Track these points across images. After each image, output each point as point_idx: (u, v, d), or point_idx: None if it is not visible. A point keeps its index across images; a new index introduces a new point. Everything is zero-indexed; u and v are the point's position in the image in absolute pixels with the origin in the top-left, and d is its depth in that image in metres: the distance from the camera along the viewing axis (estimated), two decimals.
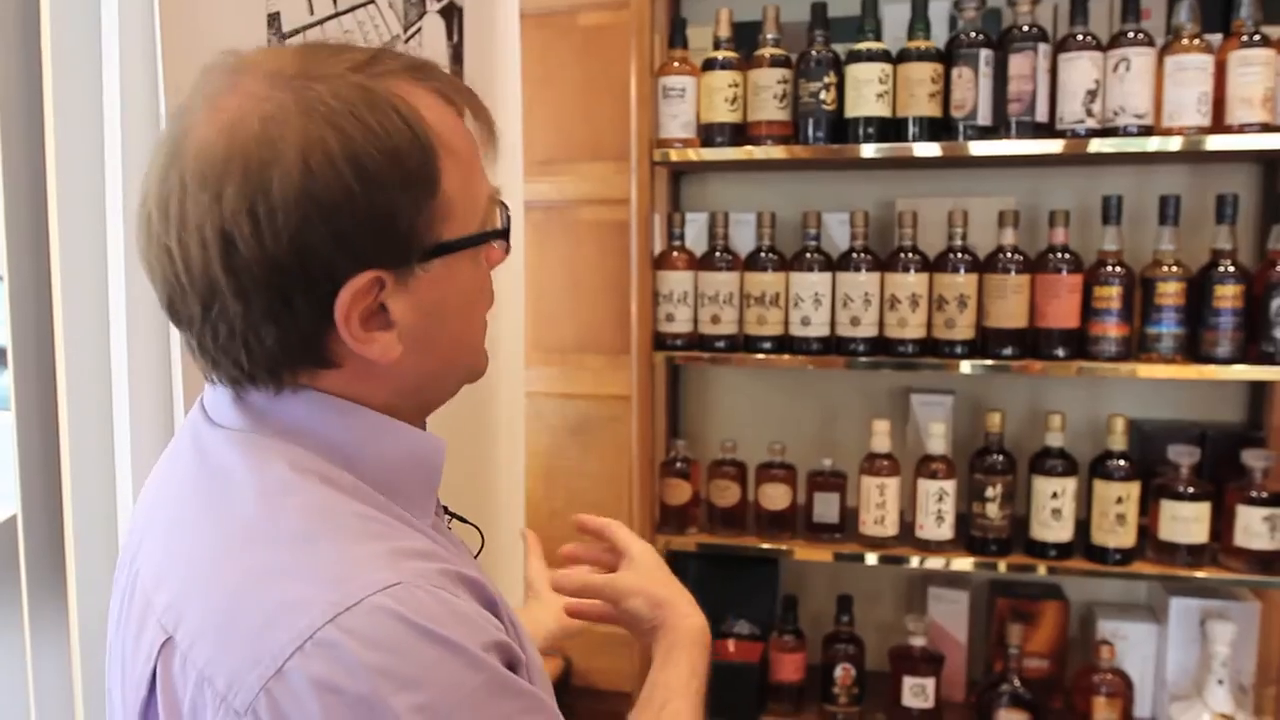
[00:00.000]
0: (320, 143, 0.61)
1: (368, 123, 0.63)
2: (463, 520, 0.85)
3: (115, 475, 1.01)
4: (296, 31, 1.14)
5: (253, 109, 0.63)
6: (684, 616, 0.92)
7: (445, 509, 0.82)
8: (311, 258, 0.62)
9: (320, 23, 1.15)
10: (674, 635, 0.91)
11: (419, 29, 1.41)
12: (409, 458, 0.71)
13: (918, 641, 1.93)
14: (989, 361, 1.81)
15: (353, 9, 1.23)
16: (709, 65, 1.88)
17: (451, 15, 1.51)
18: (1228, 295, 1.71)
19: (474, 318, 0.75)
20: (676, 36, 1.91)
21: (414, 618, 0.59)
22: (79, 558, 0.99)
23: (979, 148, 1.77)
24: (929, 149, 1.78)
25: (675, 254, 1.95)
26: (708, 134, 1.89)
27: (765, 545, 1.96)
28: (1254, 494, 1.74)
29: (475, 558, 0.82)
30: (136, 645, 0.66)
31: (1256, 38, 1.67)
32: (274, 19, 1.07)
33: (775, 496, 1.96)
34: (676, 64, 1.90)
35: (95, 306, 0.99)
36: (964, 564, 1.86)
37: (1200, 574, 1.77)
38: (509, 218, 0.75)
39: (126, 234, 0.97)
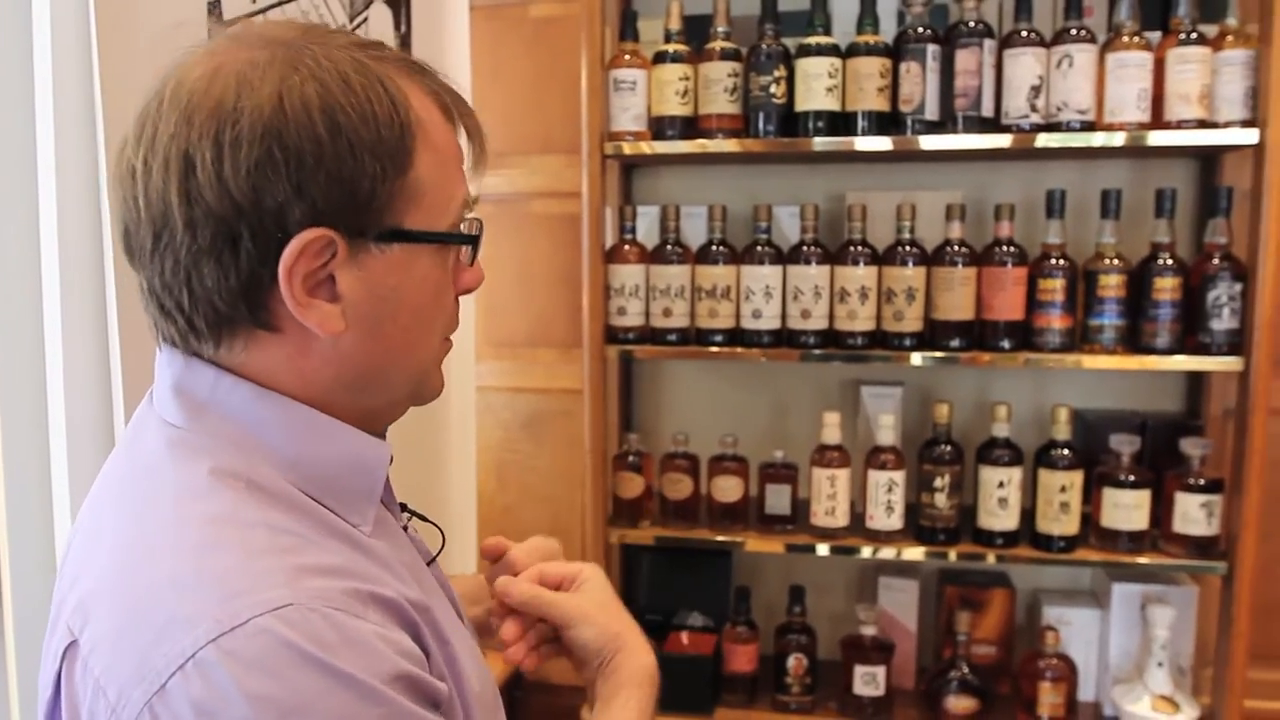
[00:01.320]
0: (299, 88, 0.62)
1: (351, 84, 0.63)
2: (424, 519, 0.82)
3: (51, 481, 0.98)
4: (238, 19, 1.11)
5: (244, 56, 0.63)
6: (635, 654, 0.85)
7: (405, 507, 0.80)
8: (266, 198, 0.61)
9: (263, 11, 1.13)
10: (624, 674, 0.84)
11: (365, 18, 1.39)
12: (348, 463, 0.69)
13: (868, 630, 1.95)
14: (939, 353, 1.84)
15: None
16: (660, 58, 1.88)
17: (399, 5, 1.49)
18: (1166, 287, 1.75)
19: (428, 322, 0.71)
20: (627, 29, 1.91)
21: (301, 642, 0.56)
22: (13, 565, 0.96)
23: (929, 142, 1.79)
24: (879, 143, 1.80)
25: (627, 247, 1.95)
26: (659, 127, 1.89)
27: (718, 537, 1.97)
28: (1192, 481, 1.78)
29: (434, 559, 0.80)
30: (48, 644, 0.65)
31: (1194, 36, 1.70)
32: (214, 6, 1.05)
33: (727, 489, 1.97)
34: (627, 57, 1.90)
35: (29, 309, 0.96)
36: (914, 553, 1.88)
37: (1142, 560, 1.81)
38: (479, 230, 0.72)
39: (60, 231, 0.94)
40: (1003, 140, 1.76)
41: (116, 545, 0.63)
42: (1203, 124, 1.71)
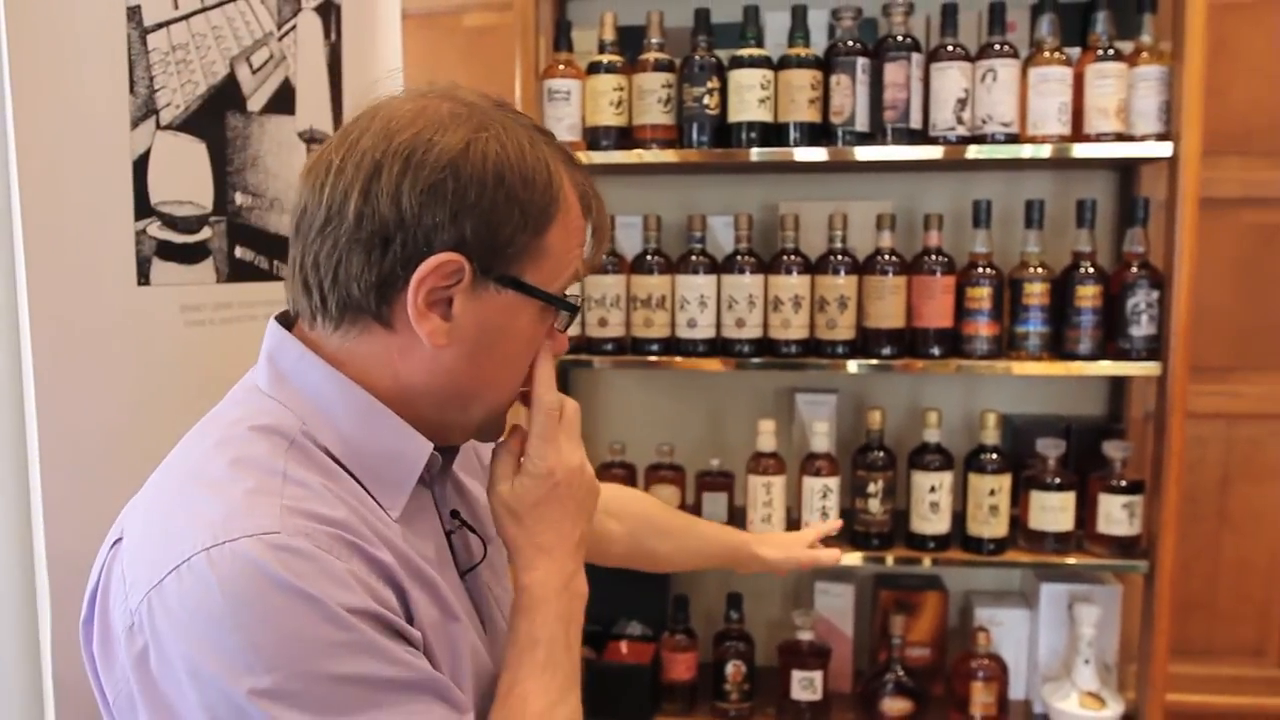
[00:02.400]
0: (483, 142, 0.74)
1: (523, 153, 0.76)
2: (471, 529, 0.88)
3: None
4: (160, 25, 1.09)
5: (447, 107, 0.76)
6: (550, 577, 0.87)
7: (455, 514, 0.86)
8: (427, 215, 0.73)
9: (185, 18, 1.10)
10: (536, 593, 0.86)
11: (293, 26, 1.37)
12: (390, 451, 0.78)
13: (805, 636, 1.97)
14: (872, 361, 1.86)
15: (221, 4, 1.19)
16: (594, 69, 1.88)
17: (329, 13, 1.47)
18: (1088, 295, 1.80)
19: (515, 368, 0.81)
20: (561, 39, 1.91)
21: (273, 565, 0.65)
22: None
23: (864, 153, 1.81)
24: (816, 154, 1.82)
25: None
26: (593, 137, 1.90)
27: None
28: (1114, 483, 1.83)
29: (474, 568, 0.86)
30: (108, 539, 0.76)
31: (1111, 52, 1.76)
32: (134, 12, 1.02)
33: (665, 497, 1.97)
34: (562, 67, 1.89)
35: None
36: (851, 559, 1.91)
37: (1069, 560, 1.85)
38: (579, 305, 0.84)
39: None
40: (934, 152, 1.80)
41: (167, 466, 0.77)
42: (1120, 137, 1.76)
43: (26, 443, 0.99)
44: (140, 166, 1.12)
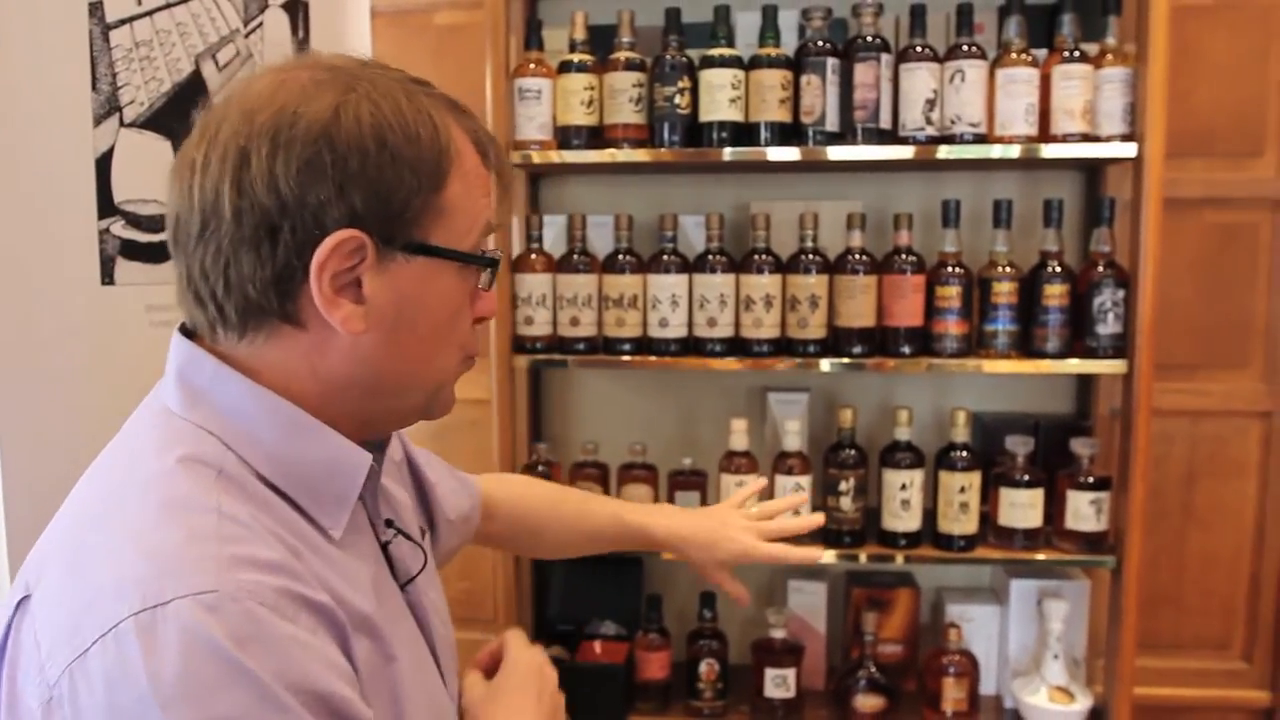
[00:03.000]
0: (354, 104, 0.68)
1: (401, 108, 0.70)
2: (408, 538, 0.84)
3: None
4: (122, 22, 1.07)
5: (308, 75, 0.70)
6: None
7: (390, 523, 0.82)
8: (309, 195, 0.67)
9: (149, 14, 1.09)
10: None
11: (260, 23, 1.35)
12: (326, 465, 0.72)
13: (778, 634, 1.98)
14: (843, 360, 1.87)
15: (185, 0, 1.17)
16: (565, 68, 1.88)
17: (296, 10, 1.46)
18: (1055, 294, 1.82)
19: (445, 337, 0.75)
20: (532, 38, 1.90)
21: (212, 632, 0.58)
22: None
23: (836, 153, 1.82)
24: (788, 153, 1.83)
25: (533, 256, 1.94)
26: (564, 136, 1.89)
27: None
28: (1082, 479, 1.85)
29: (412, 580, 0.82)
30: (10, 597, 0.68)
31: (1076, 53, 1.78)
32: (96, 8, 1.01)
33: (637, 497, 1.97)
34: (532, 66, 1.89)
35: None
36: (825, 557, 1.91)
37: (1038, 556, 1.87)
38: (497, 258, 0.77)
39: None
40: (904, 152, 1.81)
41: (80, 513, 0.68)
42: (1086, 138, 1.78)
43: None
44: (104, 164, 1.10)
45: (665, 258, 1.91)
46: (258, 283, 0.68)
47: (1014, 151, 1.78)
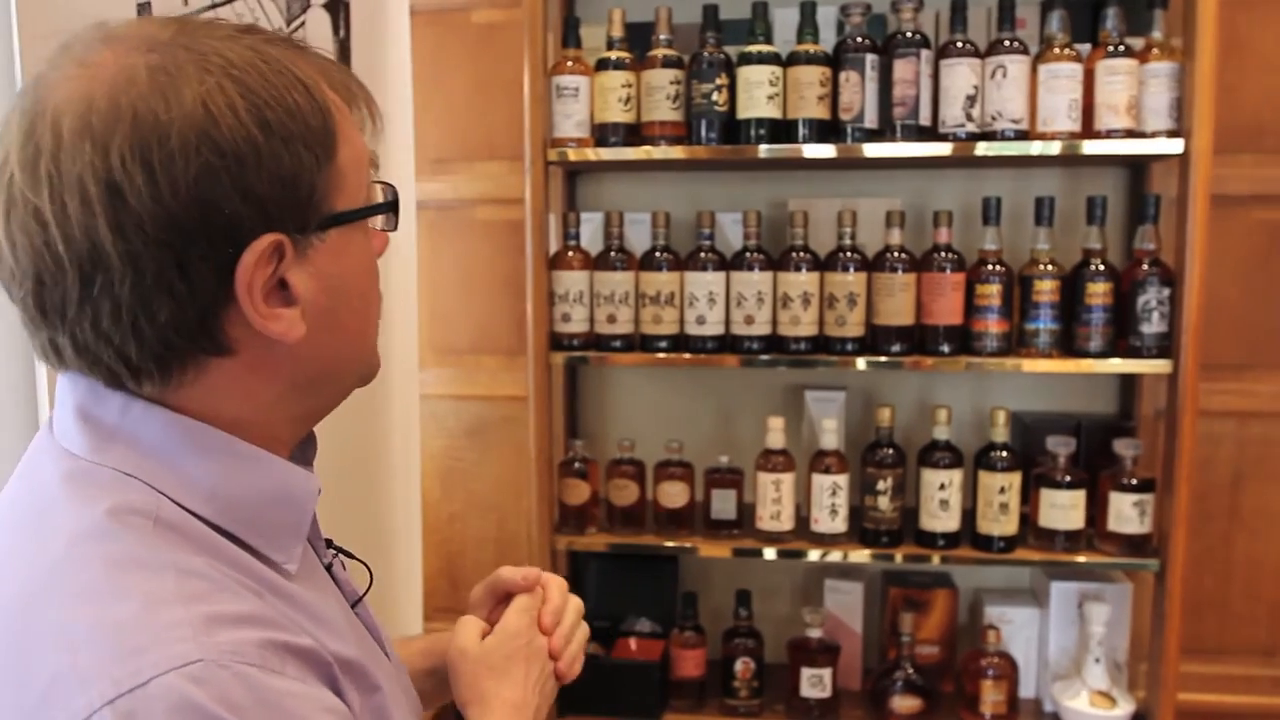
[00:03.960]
0: (220, 90, 0.57)
1: (267, 78, 0.59)
2: (351, 556, 0.80)
3: None
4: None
5: (136, 61, 0.57)
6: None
7: (330, 543, 0.76)
8: (213, 212, 0.57)
9: (195, 15, 1.10)
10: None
11: (303, 22, 1.37)
12: (272, 495, 0.64)
13: (814, 633, 1.97)
14: (881, 358, 1.86)
15: (229, 1, 1.19)
16: (602, 65, 1.88)
17: (338, 10, 1.48)
18: (1098, 292, 1.80)
19: (372, 300, 0.70)
20: (570, 36, 1.91)
21: (209, 705, 0.50)
22: None
23: (874, 150, 1.81)
24: (824, 150, 1.82)
25: (570, 254, 1.94)
26: (602, 134, 1.90)
27: (665, 543, 1.97)
28: (1125, 481, 1.82)
29: (360, 600, 0.77)
30: None
31: (1121, 48, 1.75)
32: (144, 9, 1.03)
33: (673, 494, 1.97)
34: (570, 63, 1.89)
35: None
36: (860, 556, 1.90)
37: (1079, 559, 1.85)
38: (395, 193, 0.70)
39: None
40: (943, 149, 1.79)
41: (3, 588, 0.57)
42: (1130, 134, 1.76)
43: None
44: None
45: (702, 255, 1.90)
46: (180, 327, 0.58)
47: (1054, 148, 1.76)
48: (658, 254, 1.92)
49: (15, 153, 0.57)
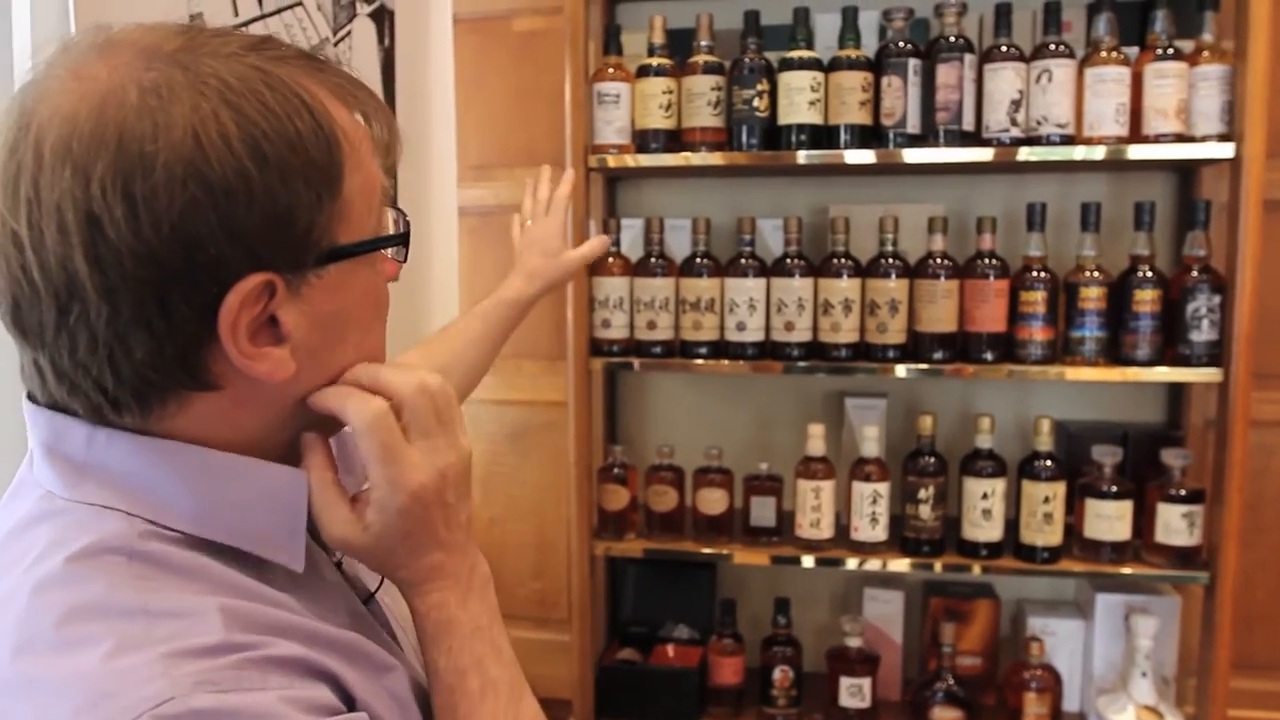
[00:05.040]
0: (213, 119, 0.53)
1: (268, 104, 0.55)
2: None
3: None
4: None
5: (129, 78, 0.53)
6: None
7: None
8: (197, 251, 0.53)
9: (246, 24, 1.13)
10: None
11: (349, 32, 1.39)
12: (260, 502, 0.61)
13: (854, 642, 1.95)
14: (922, 365, 1.84)
15: (279, 11, 1.21)
16: (643, 72, 1.89)
17: (383, 19, 1.50)
18: (1146, 300, 1.77)
19: (373, 332, 0.65)
20: (611, 43, 1.92)
21: None
22: None
23: (913, 155, 1.80)
24: (865, 156, 1.81)
25: (611, 260, 1.95)
26: (642, 140, 1.90)
27: (703, 549, 1.96)
28: (1173, 492, 1.79)
29: (372, 596, 0.72)
30: None
31: (1170, 51, 1.72)
32: (196, 19, 1.05)
33: (712, 501, 1.97)
34: (611, 70, 1.90)
35: None
36: (900, 565, 1.89)
37: (1125, 570, 1.82)
38: (407, 223, 0.66)
39: None
40: (985, 154, 1.77)
41: None
42: (1180, 138, 1.73)
43: None
44: None
45: (743, 261, 1.90)
46: (158, 365, 0.55)
47: (1098, 153, 1.74)
48: (698, 260, 1.92)
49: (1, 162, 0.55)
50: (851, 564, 1.91)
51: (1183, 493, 1.79)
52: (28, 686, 0.51)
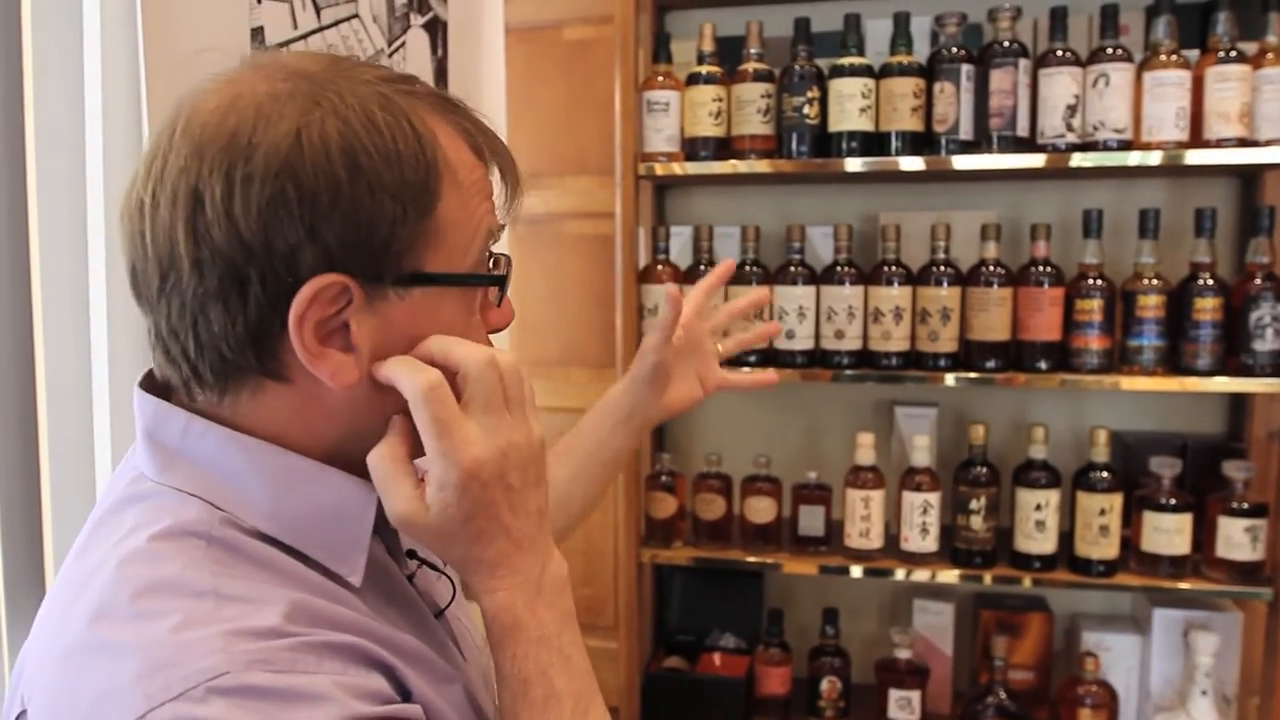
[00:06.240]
0: (319, 125, 0.58)
1: (375, 123, 0.59)
2: (434, 568, 0.76)
3: (95, 484, 1.00)
4: (282, 45, 1.14)
5: (265, 86, 0.59)
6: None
7: (413, 554, 0.74)
8: (277, 239, 0.57)
9: (304, 37, 1.15)
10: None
11: (403, 43, 1.41)
12: (329, 512, 0.63)
13: (903, 654, 1.93)
14: (974, 374, 1.82)
15: (336, 23, 1.24)
16: (693, 80, 1.89)
17: (436, 30, 1.52)
18: (1207, 308, 1.73)
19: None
20: (661, 51, 1.92)
21: (239, 715, 0.51)
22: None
23: (963, 162, 1.78)
24: (913, 163, 1.80)
25: (660, 267, 1.95)
26: (692, 148, 1.90)
27: (751, 558, 1.95)
28: (1235, 505, 1.75)
29: (442, 612, 0.73)
30: (8, 709, 0.61)
31: (1233, 54, 1.69)
32: (258, 33, 1.07)
33: (760, 509, 1.96)
34: (661, 78, 1.91)
35: (76, 312, 0.98)
36: (949, 576, 1.86)
37: (1184, 585, 1.77)
38: (508, 268, 0.68)
39: (108, 241, 0.96)
40: (1038, 160, 1.75)
41: (61, 605, 0.59)
42: (1243, 142, 1.69)
43: (94, 450, 1.01)
44: None
45: (792, 269, 1.89)
46: (231, 340, 0.59)
47: (1154, 158, 1.70)
48: (747, 267, 1.92)
49: (148, 150, 0.62)
50: (900, 574, 1.89)
51: (1245, 506, 1.74)
52: (100, 650, 0.54)
